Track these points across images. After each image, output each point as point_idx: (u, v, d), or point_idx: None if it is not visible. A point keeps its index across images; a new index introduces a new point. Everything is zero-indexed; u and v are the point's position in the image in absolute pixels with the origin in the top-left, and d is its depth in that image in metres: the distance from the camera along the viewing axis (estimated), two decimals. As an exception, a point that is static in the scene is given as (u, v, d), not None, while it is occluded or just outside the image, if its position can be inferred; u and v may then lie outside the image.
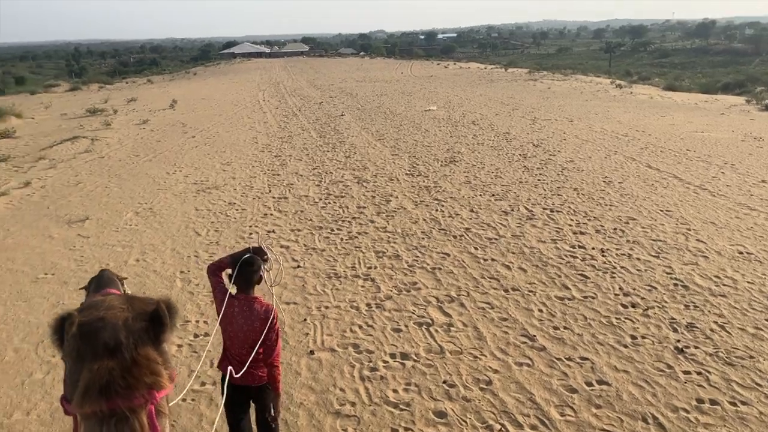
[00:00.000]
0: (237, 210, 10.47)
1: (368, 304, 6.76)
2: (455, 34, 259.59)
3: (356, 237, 9.00)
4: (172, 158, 15.02)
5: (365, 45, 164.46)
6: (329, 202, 10.84)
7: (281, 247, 8.64)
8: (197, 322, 6.40)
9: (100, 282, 2.67)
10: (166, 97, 31.25)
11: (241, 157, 15.04)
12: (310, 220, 9.87)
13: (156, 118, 22.98)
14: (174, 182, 12.50)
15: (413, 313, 6.52)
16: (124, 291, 2.72)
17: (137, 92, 37.46)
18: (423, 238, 8.86)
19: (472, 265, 7.80)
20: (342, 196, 11.20)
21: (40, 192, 11.84)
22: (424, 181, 12.18)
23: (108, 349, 1.53)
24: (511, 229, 9.16)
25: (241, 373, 3.38)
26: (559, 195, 10.95)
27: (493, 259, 7.97)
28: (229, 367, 3.35)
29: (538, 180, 12.06)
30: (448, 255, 8.17)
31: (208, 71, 69.15)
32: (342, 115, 22.66)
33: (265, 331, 3.47)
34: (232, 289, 3.59)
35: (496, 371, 5.32)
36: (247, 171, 13.42)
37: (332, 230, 9.33)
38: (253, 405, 3.80)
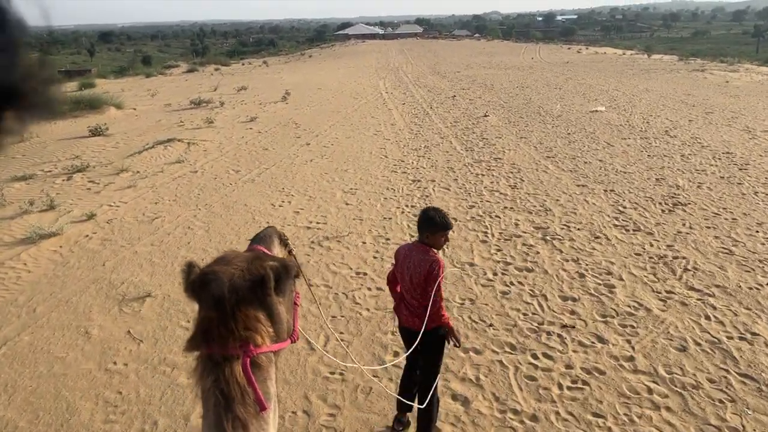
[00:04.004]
0: (370, 290, 6.72)
1: None
2: (575, 16, 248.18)
3: (585, 383, 4.94)
4: (280, 178, 11.52)
5: (480, 26, 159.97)
6: (511, 283, 6.82)
7: (443, 409, 4.77)
8: None
9: (256, 238, 2.33)
10: (279, 86, 28.36)
11: (368, 180, 11.25)
12: (491, 324, 5.91)
13: (265, 114, 19.80)
14: (280, 223, 8.95)
15: None
16: (286, 245, 2.43)
17: (250, 78, 35.08)
18: (735, 415, 4.59)
19: None
20: (529, 270, 7.14)
21: (102, 232, 8.67)
22: (650, 244, 7.84)
23: (215, 300, 1.58)
24: None
25: (406, 316, 3.78)
26: None
27: None
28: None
29: None
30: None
31: (323, 53, 66.94)
32: (485, 115, 18.25)
33: (425, 280, 3.60)
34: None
35: None
36: (378, 207, 9.62)
37: (536, 359, 5.32)
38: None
